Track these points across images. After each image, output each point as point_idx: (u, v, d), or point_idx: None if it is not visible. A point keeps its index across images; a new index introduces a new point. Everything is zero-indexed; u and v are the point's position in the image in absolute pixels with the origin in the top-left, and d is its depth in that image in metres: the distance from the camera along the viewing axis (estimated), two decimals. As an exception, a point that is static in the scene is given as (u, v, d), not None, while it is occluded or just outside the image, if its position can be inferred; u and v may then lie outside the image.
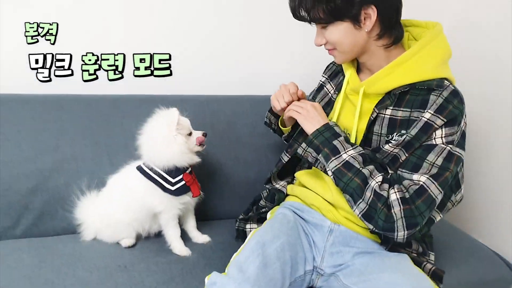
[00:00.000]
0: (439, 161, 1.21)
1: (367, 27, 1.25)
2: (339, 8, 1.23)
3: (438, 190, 1.20)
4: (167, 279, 1.37)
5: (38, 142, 1.60)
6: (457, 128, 1.23)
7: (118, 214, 1.51)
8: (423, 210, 1.19)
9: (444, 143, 1.22)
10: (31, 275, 1.33)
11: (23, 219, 1.58)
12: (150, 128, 1.49)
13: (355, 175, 1.24)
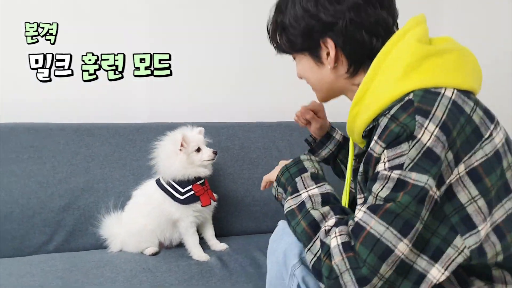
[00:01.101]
0: (384, 192, 0.91)
1: (329, 63, 1.09)
2: (292, 40, 1.13)
3: (382, 227, 0.88)
4: (187, 278, 1.47)
5: (71, 165, 1.77)
6: (406, 146, 0.90)
7: (141, 221, 1.65)
8: (364, 256, 0.88)
9: (387, 169, 0.92)
10: (63, 276, 1.45)
11: (56, 236, 1.72)
12: (159, 147, 1.71)
13: (303, 218, 1.04)
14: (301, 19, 1.08)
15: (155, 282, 1.44)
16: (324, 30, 1.06)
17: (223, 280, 1.46)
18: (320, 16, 1.05)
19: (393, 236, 0.88)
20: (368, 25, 1.04)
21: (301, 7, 1.08)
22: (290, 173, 1.16)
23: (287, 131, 2.11)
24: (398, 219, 0.88)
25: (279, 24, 1.14)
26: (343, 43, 1.06)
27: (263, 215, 1.95)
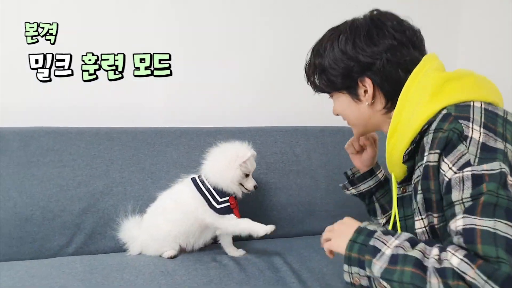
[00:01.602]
0: (467, 193, 0.93)
1: (367, 100, 1.18)
2: (331, 80, 1.22)
3: (490, 221, 0.88)
4: (206, 281, 1.48)
5: (91, 168, 1.79)
6: (463, 146, 0.96)
7: (165, 228, 1.65)
8: (495, 254, 0.86)
9: (457, 171, 0.95)
10: (83, 278, 1.47)
11: (75, 238, 1.73)
12: (224, 149, 1.68)
13: (404, 264, 0.94)
14: (341, 61, 1.18)
15: (174, 285, 1.45)
16: (363, 70, 1.16)
17: (241, 284, 1.47)
18: (359, 57, 1.15)
19: (505, 226, 0.88)
20: (403, 64, 1.13)
21: (339, 50, 1.18)
22: (360, 242, 1.05)
23: (304, 136, 2.11)
24: (498, 209, 0.89)
25: (318, 66, 1.24)
26: (380, 81, 1.15)
27: (281, 220, 1.95)
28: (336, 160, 2.11)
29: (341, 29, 1.21)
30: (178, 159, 1.90)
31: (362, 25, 1.18)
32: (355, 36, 1.16)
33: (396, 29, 1.15)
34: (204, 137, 1.96)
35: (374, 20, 1.18)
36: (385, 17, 1.19)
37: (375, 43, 1.14)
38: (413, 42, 1.16)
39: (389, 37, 1.14)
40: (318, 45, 1.26)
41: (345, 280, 1.08)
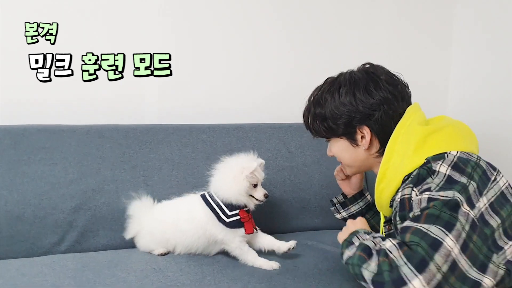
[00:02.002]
0: (418, 210, 1.13)
1: (364, 145, 1.35)
2: (332, 128, 1.37)
3: (426, 224, 1.07)
4: (199, 278, 1.46)
5: (82, 166, 1.78)
6: (430, 179, 1.15)
7: (173, 236, 1.62)
8: (417, 240, 1.05)
9: (418, 194, 1.15)
10: (74, 276, 1.45)
11: (67, 236, 1.72)
12: (230, 162, 1.64)
13: (357, 250, 1.16)
14: (342, 111, 1.33)
15: (167, 282, 1.43)
16: (363, 120, 1.32)
17: (235, 280, 1.45)
18: (359, 109, 1.31)
19: (438, 230, 1.05)
20: (396, 116, 1.30)
21: (341, 102, 1.33)
22: (347, 240, 1.25)
23: (298, 133, 2.11)
24: (439, 220, 1.07)
25: (319, 115, 1.39)
26: (377, 129, 1.32)
27: (275, 216, 1.94)
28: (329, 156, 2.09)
29: (340, 81, 1.36)
30: (170, 156, 1.88)
31: (360, 78, 1.34)
32: (355, 89, 1.32)
33: (389, 83, 1.33)
34: (196, 134, 1.95)
35: (369, 74, 1.34)
36: (378, 71, 1.36)
37: (373, 96, 1.30)
38: (403, 96, 1.34)
39: (384, 90, 1.31)
40: (318, 96, 1.40)
41: None
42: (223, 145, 1.96)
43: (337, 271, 1.53)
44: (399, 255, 1.05)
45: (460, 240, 1.05)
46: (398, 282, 1.03)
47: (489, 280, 1.07)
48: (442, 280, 1.02)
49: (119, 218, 1.76)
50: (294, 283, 1.45)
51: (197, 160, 1.91)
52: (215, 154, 1.92)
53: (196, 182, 1.86)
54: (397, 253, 1.06)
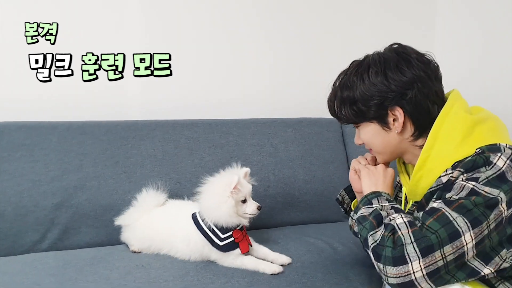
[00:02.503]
0: (457, 196, 1.08)
1: (397, 129, 1.24)
2: (362, 111, 1.26)
3: (455, 213, 1.05)
4: (182, 274, 1.45)
5: (64, 162, 1.76)
6: (484, 169, 1.09)
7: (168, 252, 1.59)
8: (436, 228, 1.04)
9: (464, 180, 1.10)
10: (56, 273, 1.44)
11: (49, 234, 1.70)
12: (211, 183, 1.56)
13: (371, 216, 1.16)
14: (373, 92, 1.22)
15: (150, 279, 1.42)
16: (395, 100, 1.21)
17: (218, 275, 1.45)
18: (392, 88, 1.21)
19: (464, 223, 1.03)
20: (431, 95, 1.21)
21: (371, 83, 1.23)
22: (368, 198, 1.24)
23: (282, 128, 2.11)
24: (469, 213, 1.04)
25: (347, 99, 1.28)
26: (411, 110, 1.22)
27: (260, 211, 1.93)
28: (314, 151, 2.10)
29: (369, 62, 1.26)
30: (153, 152, 1.87)
31: (390, 57, 1.24)
32: (386, 68, 1.22)
33: (421, 61, 1.23)
34: (180, 130, 1.94)
35: (399, 53, 1.24)
36: (408, 49, 1.26)
37: (405, 74, 1.20)
38: (436, 75, 1.24)
39: (417, 68, 1.21)
40: (345, 79, 1.29)
41: (348, 223, 1.31)
42: (206, 140, 1.95)
43: (320, 263, 1.54)
44: (407, 232, 1.05)
45: (479, 236, 1.04)
46: (398, 260, 1.03)
47: (488, 270, 1.08)
48: (442, 266, 1.03)
49: (102, 215, 1.75)
50: (278, 277, 1.45)
51: (180, 156, 1.90)
52: (198, 150, 1.93)
53: (180, 178, 1.86)
54: (406, 230, 1.05)
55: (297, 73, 2.36)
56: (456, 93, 1.26)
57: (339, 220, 2.07)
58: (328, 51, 2.39)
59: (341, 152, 2.18)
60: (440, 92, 1.24)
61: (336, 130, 2.21)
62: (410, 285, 1.03)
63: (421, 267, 1.02)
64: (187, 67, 2.15)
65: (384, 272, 1.06)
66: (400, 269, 1.03)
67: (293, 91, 2.35)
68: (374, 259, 1.10)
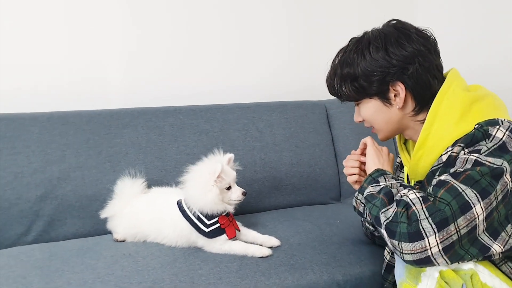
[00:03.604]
0: (463, 168, 1.08)
1: (398, 104, 1.24)
2: (364, 87, 1.25)
3: (463, 185, 1.05)
4: (170, 261, 1.45)
5: (46, 154, 1.73)
6: (484, 142, 1.10)
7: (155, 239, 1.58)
8: (449, 200, 1.03)
9: (467, 153, 1.10)
10: (42, 265, 1.42)
11: (34, 226, 1.69)
12: (194, 172, 1.55)
13: (381, 193, 1.16)
14: (375, 68, 1.22)
15: (137, 267, 1.41)
16: (397, 75, 1.21)
17: (207, 261, 1.44)
18: (393, 63, 1.20)
19: (473, 195, 1.04)
20: (432, 69, 1.22)
21: (372, 59, 1.22)
22: (373, 177, 1.25)
23: (266, 112, 2.10)
24: (477, 184, 1.04)
25: (347, 75, 1.27)
26: (412, 85, 1.22)
27: (247, 196, 1.88)
28: (299, 134, 2.10)
29: (369, 38, 1.25)
30: (136, 140, 1.85)
31: (390, 33, 1.23)
32: (386, 43, 1.21)
33: (421, 36, 1.22)
34: (163, 117, 1.93)
35: (398, 28, 1.24)
36: (406, 25, 1.25)
37: (406, 48, 1.20)
38: (435, 49, 1.24)
39: (418, 43, 1.21)
40: (344, 57, 1.28)
41: (352, 203, 1.31)
42: (191, 127, 1.94)
43: (308, 244, 1.54)
44: (421, 208, 1.04)
45: (488, 208, 1.04)
46: (414, 235, 1.02)
47: (498, 247, 1.08)
48: (456, 240, 1.02)
49: (87, 205, 1.74)
50: (267, 260, 1.45)
51: (165, 143, 1.89)
52: (182, 137, 1.92)
53: (164, 166, 1.84)
54: (420, 206, 1.05)
55: (281, 57, 2.34)
56: (454, 72, 1.26)
57: (325, 202, 2.08)
58: (312, 35, 2.38)
59: (326, 134, 2.17)
60: (440, 66, 1.25)
61: (321, 113, 2.20)
62: (427, 261, 1.03)
63: (437, 242, 1.01)
64: (169, 53, 2.13)
65: (400, 249, 1.04)
66: (416, 245, 1.02)
67: (276, 74, 2.34)
68: (387, 236, 1.08)
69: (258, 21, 2.28)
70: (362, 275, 1.45)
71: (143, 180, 1.70)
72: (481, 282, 1.07)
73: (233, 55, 2.25)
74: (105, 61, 1.87)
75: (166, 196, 1.64)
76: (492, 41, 2.20)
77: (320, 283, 1.39)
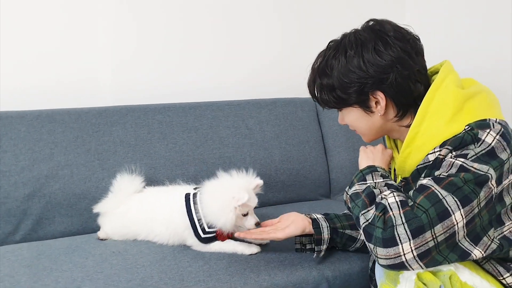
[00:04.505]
0: (446, 173, 1.06)
1: (379, 112, 1.21)
2: (344, 98, 1.22)
3: (444, 191, 1.03)
4: (159, 259, 1.44)
5: (34, 152, 1.72)
6: (473, 147, 1.07)
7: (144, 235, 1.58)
8: (427, 207, 1.01)
9: (452, 157, 1.08)
10: (30, 264, 1.41)
11: (22, 225, 1.67)
12: (220, 186, 1.49)
13: (364, 193, 1.14)
14: (352, 78, 1.18)
15: (126, 265, 1.40)
16: (376, 84, 1.17)
17: (197, 259, 1.44)
18: (371, 73, 1.16)
19: (453, 202, 1.02)
20: (412, 75, 1.17)
21: (348, 69, 1.18)
22: (363, 173, 1.22)
23: (256, 109, 2.10)
24: (459, 191, 1.02)
25: (326, 86, 1.24)
26: (393, 93, 1.18)
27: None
28: (289, 131, 2.10)
29: (346, 44, 1.20)
30: (125, 138, 1.85)
31: (366, 39, 1.18)
32: (363, 51, 1.17)
33: (399, 39, 1.17)
34: (152, 114, 1.92)
35: (376, 32, 1.19)
36: (385, 27, 1.20)
37: (383, 57, 1.16)
38: (416, 50, 1.19)
39: (395, 48, 1.16)
40: (323, 64, 1.24)
41: (343, 198, 1.27)
42: (180, 124, 1.93)
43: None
44: (398, 213, 1.02)
45: (469, 215, 1.02)
46: (388, 241, 1.01)
47: (478, 252, 1.06)
48: (433, 247, 1.01)
49: (76, 203, 1.73)
50: (255, 257, 1.46)
51: (154, 141, 1.88)
52: (171, 134, 1.91)
53: (154, 163, 1.84)
54: (398, 211, 1.03)
55: (271, 54, 2.34)
56: (447, 66, 1.22)
57: (315, 199, 2.10)
58: (302, 32, 2.38)
59: (316, 131, 2.18)
60: (422, 68, 1.20)
61: (310, 110, 2.21)
62: (401, 266, 1.02)
63: (411, 248, 1.00)
64: (158, 51, 2.12)
65: (375, 252, 1.04)
66: (390, 250, 1.01)
67: (266, 71, 2.34)
68: (365, 239, 1.08)
69: (248, 18, 2.27)
70: (351, 271, 1.46)
71: (142, 179, 1.67)
72: (460, 282, 1.07)
73: (222, 52, 2.24)
74: (94, 59, 1.85)
75: (160, 194, 1.63)
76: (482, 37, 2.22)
77: (310, 279, 1.40)
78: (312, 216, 1.46)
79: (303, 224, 1.42)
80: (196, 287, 1.30)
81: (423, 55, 1.22)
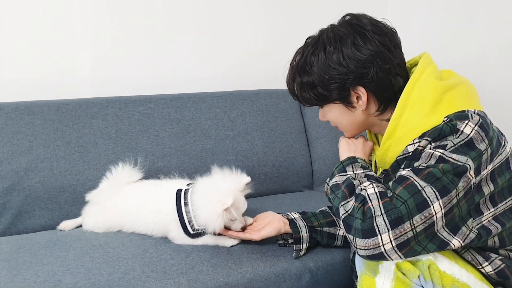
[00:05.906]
0: (425, 164, 1.08)
1: (361, 107, 1.22)
2: (325, 95, 1.22)
3: (423, 182, 1.04)
4: (141, 251, 1.43)
5: (12, 145, 1.69)
6: (451, 137, 1.09)
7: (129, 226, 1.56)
8: (406, 197, 1.03)
9: (431, 148, 1.10)
10: (9, 258, 1.39)
11: (1, 219, 1.65)
12: (207, 187, 1.46)
13: (344, 185, 1.15)
14: (333, 75, 1.18)
15: (107, 258, 1.39)
16: (357, 80, 1.17)
17: (178, 251, 1.44)
18: (351, 69, 1.16)
19: (432, 193, 1.03)
20: (392, 69, 1.18)
21: (328, 65, 1.18)
22: (343, 164, 1.23)
23: (238, 100, 2.09)
24: (437, 182, 1.04)
25: (307, 83, 1.23)
26: (374, 88, 1.19)
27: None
28: (271, 122, 2.10)
29: (324, 40, 1.20)
30: (106, 130, 1.82)
31: (345, 34, 1.18)
32: (343, 47, 1.17)
33: (377, 33, 1.17)
34: (133, 106, 1.90)
35: (354, 26, 1.18)
36: (362, 21, 1.19)
37: (363, 51, 1.16)
38: (395, 43, 1.20)
39: (374, 42, 1.16)
40: (302, 62, 1.23)
41: (324, 189, 1.28)
42: (161, 116, 1.92)
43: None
44: (377, 204, 1.03)
45: (448, 205, 1.04)
46: (367, 232, 1.02)
47: (457, 242, 1.07)
48: (412, 237, 1.02)
49: (56, 197, 1.71)
50: (238, 248, 1.46)
51: (135, 133, 1.86)
52: (153, 126, 1.90)
53: (135, 156, 1.81)
54: (377, 202, 1.04)
55: (253, 45, 2.33)
56: (426, 58, 1.23)
57: (298, 190, 2.10)
58: (285, 24, 2.37)
59: (298, 122, 2.18)
60: (401, 61, 1.21)
61: (293, 101, 2.17)
62: (380, 257, 1.03)
63: (390, 239, 1.01)
64: (138, 42, 2.10)
65: (354, 243, 1.05)
66: (369, 241, 1.02)
67: (248, 62, 2.33)
68: (345, 230, 1.09)
69: (230, 9, 2.26)
70: (333, 261, 1.47)
71: (142, 172, 1.64)
72: (439, 271, 1.08)
73: (204, 43, 2.23)
74: (73, 50, 1.82)
75: (151, 187, 1.60)
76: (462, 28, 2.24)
77: (292, 270, 1.41)
78: (289, 216, 1.47)
79: (279, 225, 1.43)
80: (179, 279, 1.30)
81: (401, 48, 1.22)
